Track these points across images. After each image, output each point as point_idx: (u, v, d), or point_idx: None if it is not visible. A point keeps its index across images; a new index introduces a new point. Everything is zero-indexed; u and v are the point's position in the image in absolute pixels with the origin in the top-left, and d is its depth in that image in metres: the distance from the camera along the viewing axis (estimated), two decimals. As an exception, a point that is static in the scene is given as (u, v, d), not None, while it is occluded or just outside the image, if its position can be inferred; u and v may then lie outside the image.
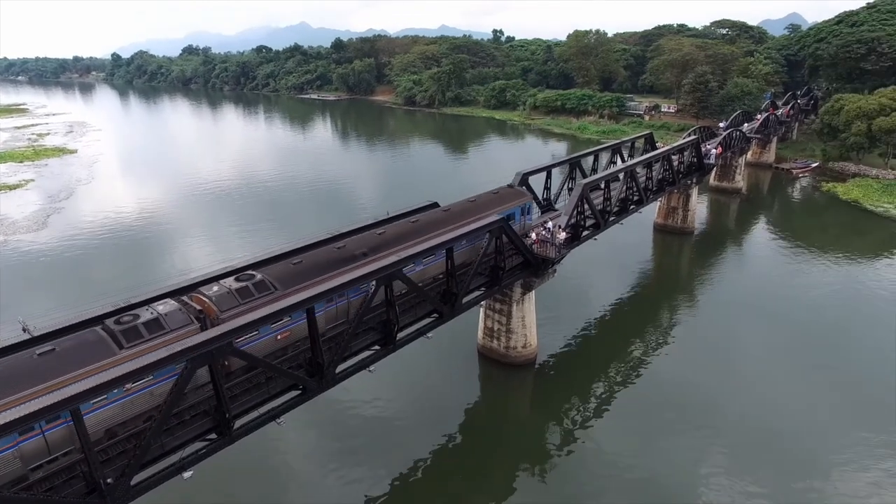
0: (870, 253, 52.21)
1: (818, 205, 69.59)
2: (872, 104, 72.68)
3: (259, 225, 57.75)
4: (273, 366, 18.14)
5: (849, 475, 24.80)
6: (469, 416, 29.07)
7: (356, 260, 22.07)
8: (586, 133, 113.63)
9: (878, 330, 37.80)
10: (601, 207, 36.60)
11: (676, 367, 33.48)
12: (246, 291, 18.83)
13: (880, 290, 43.72)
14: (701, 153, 53.35)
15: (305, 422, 27.14)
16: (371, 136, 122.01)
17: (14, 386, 14.10)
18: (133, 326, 16.55)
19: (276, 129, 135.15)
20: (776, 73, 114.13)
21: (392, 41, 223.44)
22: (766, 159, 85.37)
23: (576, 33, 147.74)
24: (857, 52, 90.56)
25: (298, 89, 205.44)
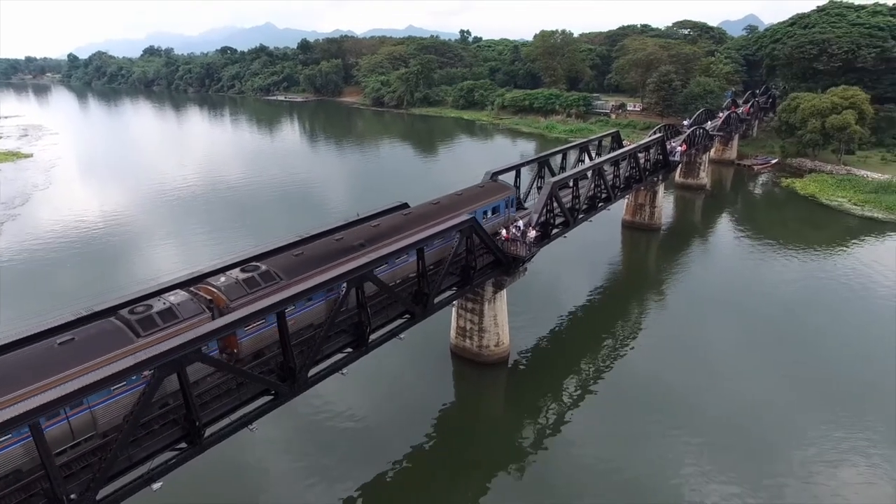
0: (827, 246, 54.07)
1: (778, 200, 71.77)
2: (825, 103, 75.28)
3: (227, 229, 56.64)
4: (244, 371, 17.84)
5: (815, 467, 25.52)
6: (443, 416, 29.06)
7: (354, 251, 22.76)
8: (554, 132, 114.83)
9: (838, 320, 39.25)
10: (570, 205, 37.00)
11: (647, 362, 34.08)
12: (253, 281, 19.48)
13: (838, 281, 45.30)
14: (666, 151, 54.44)
15: (279, 427, 26.74)
16: (340, 137, 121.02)
17: (39, 374, 14.55)
18: (148, 316, 17.01)
19: (243, 131, 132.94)
20: (736, 73, 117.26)
21: (359, 42, 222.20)
22: (729, 156, 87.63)
23: (542, 33, 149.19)
24: (809, 52, 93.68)
25: (265, 91, 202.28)
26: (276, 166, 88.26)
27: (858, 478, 24.88)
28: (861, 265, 48.22)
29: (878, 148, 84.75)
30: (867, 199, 65.07)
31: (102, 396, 14.85)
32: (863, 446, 26.63)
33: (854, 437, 27.22)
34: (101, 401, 14.93)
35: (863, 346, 35.59)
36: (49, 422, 13.77)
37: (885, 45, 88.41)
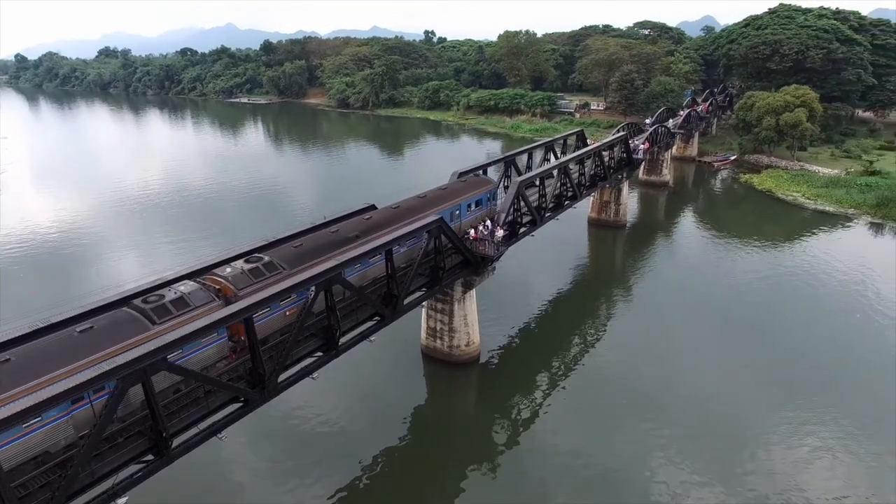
0: (784, 238, 56.01)
1: (737, 195, 73.97)
2: (779, 101, 77.89)
3: (193, 236, 55.41)
4: (212, 379, 17.51)
5: (780, 454, 26.37)
6: (416, 417, 29.08)
7: (350, 242, 23.76)
8: (520, 131, 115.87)
9: (796, 310, 40.69)
10: (537, 204, 37.43)
11: (615, 356, 34.77)
12: (258, 271, 20.29)
13: (795, 272, 46.98)
14: (630, 148, 55.54)
15: (250, 434, 26.36)
16: (305, 139, 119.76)
17: (63, 361, 15.14)
18: (162, 304, 17.65)
19: (206, 134, 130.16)
20: (695, 72, 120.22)
21: (323, 43, 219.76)
22: (690, 153, 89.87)
23: (506, 34, 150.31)
24: (763, 52, 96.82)
25: (227, 93, 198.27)
26: (241, 170, 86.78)
27: (817, 463, 25.87)
28: (815, 256, 50.12)
29: (828, 144, 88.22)
30: (819, 194, 67.60)
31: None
32: (816, 429, 27.72)
33: (812, 423, 28.29)
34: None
35: (818, 334, 37.10)
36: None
37: (830, 47, 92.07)
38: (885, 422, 28.29)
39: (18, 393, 13.76)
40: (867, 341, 36.42)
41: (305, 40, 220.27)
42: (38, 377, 14.42)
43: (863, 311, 40.22)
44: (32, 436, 13.85)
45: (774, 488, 24.23)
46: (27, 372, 14.51)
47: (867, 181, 68.91)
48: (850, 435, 27.43)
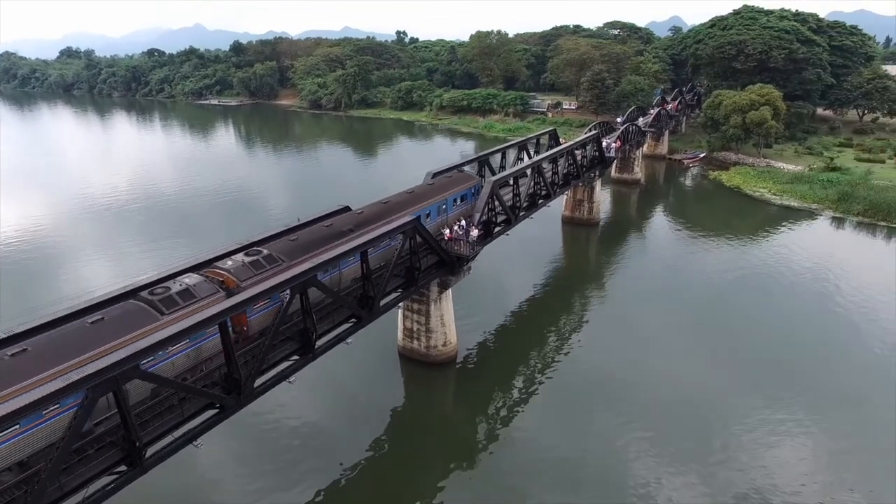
0: (752, 233, 57.42)
1: (707, 191, 75.52)
2: (745, 99, 79.77)
3: (165, 240, 54.37)
4: (186, 386, 17.28)
5: (750, 443, 27.07)
6: (395, 418, 29.06)
7: (344, 235, 24.68)
8: (493, 131, 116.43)
9: (764, 303, 41.73)
10: (511, 203, 37.70)
11: (591, 352, 35.22)
12: (258, 264, 21.00)
13: (763, 266, 48.21)
14: (602, 147, 56.28)
15: (225, 440, 25.99)
16: (278, 141, 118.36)
17: (77, 350, 15.63)
18: (169, 296, 18.24)
19: (176, 137, 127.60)
20: (664, 71, 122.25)
21: (294, 43, 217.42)
22: (661, 151, 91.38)
23: (478, 34, 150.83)
24: (728, 52, 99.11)
25: (197, 95, 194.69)
26: (212, 173, 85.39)
27: (786, 449, 26.63)
28: (782, 250, 51.52)
29: (791, 142, 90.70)
30: (784, 189, 69.44)
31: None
32: (785, 417, 28.53)
33: (782, 411, 29.10)
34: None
35: (785, 326, 38.12)
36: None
37: (791, 48, 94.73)
38: (848, 408, 29.31)
39: (38, 381, 14.33)
40: (833, 330, 37.64)
41: (276, 41, 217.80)
42: (55, 366, 14.95)
43: (828, 301, 41.49)
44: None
45: (745, 476, 24.85)
46: (45, 361, 15.06)
47: (828, 177, 71.01)
48: (816, 421, 28.35)
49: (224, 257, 21.78)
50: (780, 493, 23.94)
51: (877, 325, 37.97)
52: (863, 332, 37.22)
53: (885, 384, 31.36)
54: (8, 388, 13.94)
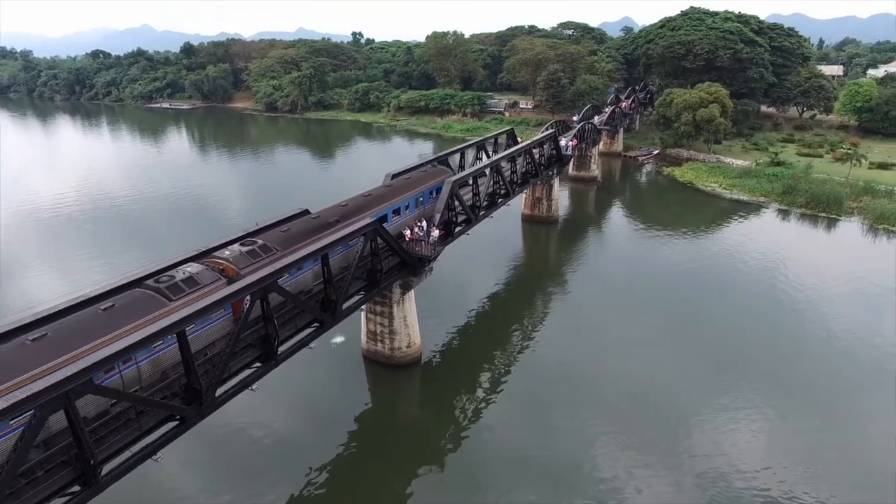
0: (705, 226, 59.45)
1: (661, 187, 77.71)
2: (695, 97, 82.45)
3: (117, 249, 52.36)
4: (144, 398, 16.79)
5: (712, 430, 28.00)
6: (361, 422, 28.89)
7: (331, 227, 25.89)
8: (451, 131, 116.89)
9: (718, 294, 43.27)
10: (471, 203, 37.94)
11: (554, 348, 35.77)
12: (255, 253, 22.08)
13: (718, 257, 50.06)
14: (559, 145, 57.21)
15: (187, 452, 25.27)
16: (233, 145, 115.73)
17: (93, 335, 16.46)
18: (174, 283, 19.11)
19: (126, 142, 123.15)
20: (617, 71, 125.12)
21: (248, 45, 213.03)
22: (616, 149, 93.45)
23: (434, 34, 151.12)
24: (678, 52, 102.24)
25: (147, 98, 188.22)
26: (166, 179, 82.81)
27: (745, 434, 27.69)
28: (733, 242, 53.54)
29: (739, 138, 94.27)
30: (734, 184, 72.07)
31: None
32: (742, 405, 29.66)
33: (739, 400, 30.22)
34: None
35: (741, 314, 39.60)
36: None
37: (736, 48, 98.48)
38: (799, 393, 30.69)
39: (59, 364, 15.13)
40: (783, 317, 39.28)
41: (229, 42, 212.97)
42: (74, 350, 15.80)
43: (777, 290, 43.28)
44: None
45: (710, 463, 25.72)
46: (64, 345, 15.92)
47: (774, 171, 74.09)
48: (772, 407, 29.55)
49: (221, 248, 22.59)
50: (742, 477, 24.82)
51: (821, 312, 39.86)
52: (809, 319, 39.03)
53: (830, 369, 33.00)
54: (33, 370, 14.89)
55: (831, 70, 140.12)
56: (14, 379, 14.44)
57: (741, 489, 24.28)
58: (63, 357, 15.44)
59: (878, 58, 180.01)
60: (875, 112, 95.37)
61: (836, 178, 69.64)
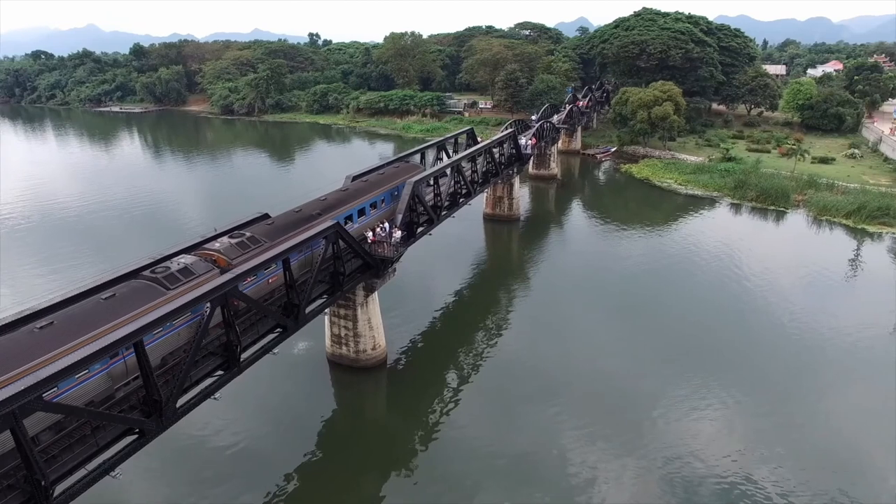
0: (663, 222, 61.05)
1: (619, 184, 79.41)
2: (649, 96, 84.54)
3: (67, 258, 50.29)
4: (100, 413, 16.16)
5: (676, 420, 28.77)
6: (327, 427, 28.60)
7: (314, 219, 26.92)
8: (411, 132, 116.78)
9: (676, 287, 44.47)
10: (432, 203, 37.99)
11: (519, 345, 36.18)
12: (244, 244, 23.06)
13: (676, 251, 51.53)
14: (519, 144, 57.81)
15: (148, 466, 24.54)
16: (189, 149, 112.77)
17: (97, 323, 17.08)
18: (171, 273, 19.86)
19: (74, 148, 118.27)
20: (574, 70, 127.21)
21: (201, 46, 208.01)
22: (574, 147, 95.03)
23: (392, 35, 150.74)
24: (632, 51, 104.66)
25: (96, 101, 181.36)
26: (118, 185, 79.86)
27: (708, 422, 28.58)
28: (690, 236, 55.23)
29: (692, 135, 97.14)
30: (689, 180, 74.25)
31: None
32: (705, 396, 30.61)
33: (701, 391, 31.16)
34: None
35: (699, 305, 40.91)
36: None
37: (687, 48, 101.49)
38: (759, 378, 31.85)
39: (67, 350, 15.72)
40: (741, 307, 40.65)
41: (181, 44, 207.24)
42: (80, 337, 16.40)
43: (734, 281, 44.80)
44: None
45: (675, 452, 26.39)
46: (71, 333, 16.48)
47: (725, 167, 76.66)
48: (732, 396, 30.56)
49: (210, 240, 23.42)
50: (706, 466, 25.56)
51: (775, 300, 41.42)
52: (763, 308, 40.50)
53: (785, 355, 34.37)
54: (43, 356, 15.47)
55: (775, 69, 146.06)
56: (26, 364, 15.12)
57: (704, 475, 25.03)
58: (71, 343, 16.11)
59: (815, 58, 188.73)
60: (815, 109, 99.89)
61: (783, 173, 72.49)
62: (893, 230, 55.79)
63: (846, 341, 35.71)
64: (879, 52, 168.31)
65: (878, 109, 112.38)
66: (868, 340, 35.78)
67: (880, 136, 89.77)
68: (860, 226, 57.08)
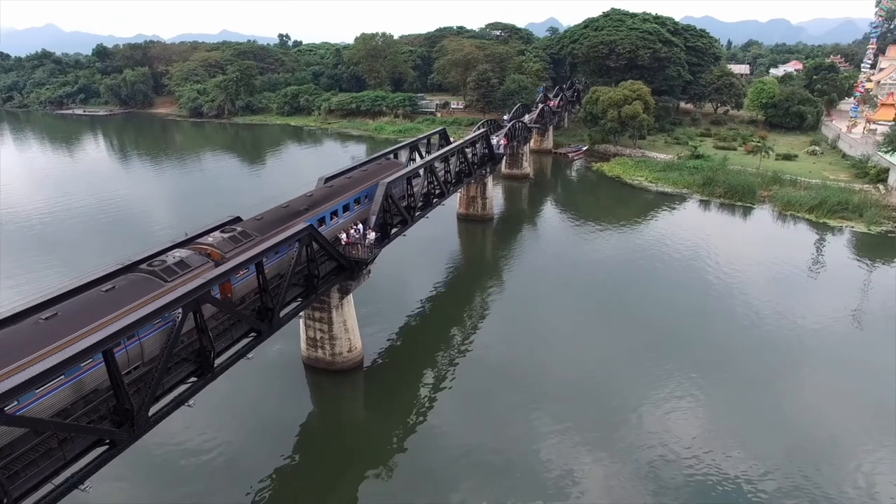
0: (635, 218, 62.08)
1: (591, 182, 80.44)
2: (619, 95, 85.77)
3: (30, 268, 48.80)
4: (67, 425, 15.73)
5: (650, 413, 29.34)
6: (305, 431, 28.37)
7: (300, 215, 28.15)
8: (383, 133, 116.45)
9: (649, 282, 45.26)
10: (406, 204, 37.97)
11: (496, 343, 36.39)
12: (236, 238, 24.09)
13: (648, 247, 52.44)
14: (491, 144, 58.12)
15: (120, 477, 23.98)
16: (157, 152, 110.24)
17: (99, 314, 17.91)
18: (167, 266, 20.71)
19: (35, 152, 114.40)
20: (545, 70, 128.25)
21: (168, 48, 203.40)
22: (546, 146, 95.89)
23: (363, 36, 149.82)
24: (602, 51, 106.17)
25: (57, 104, 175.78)
26: (83, 191, 77.58)
27: (681, 413, 29.20)
28: (661, 232, 56.30)
29: (661, 133, 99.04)
30: (659, 177, 75.63)
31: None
32: (677, 385, 31.24)
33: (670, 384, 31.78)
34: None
35: (671, 300, 41.71)
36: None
37: (655, 48, 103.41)
38: (730, 369, 32.61)
39: (71, 340, 16.44)
40: (712, 301, 41.65)
41: (147, 45, 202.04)
42: (84, 327, 17.17)
43: (705, 275, 45.80)
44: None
45: (649, 442, 26.94)
46: (74, 324, 17.24)
47: (694, 164, 78.26)
48: (702, 387, 31.26)
49: (203, 235, 24.23)
50: (683, 458, 26.08)
51: (744, 294, 42.49)
52: (733, 301, 41.52)
53: (756, 347, 35.30)
54: (49, 345, 16.21)
55: (739, 69, 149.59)
56: (33, 353, 15.83)
57: (680, 466, 25.57)
58: (75, 333, 16.80)
59: (777, 58, 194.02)
60: (778, 108, 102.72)
61: (749, 169, 74.34)
62: (852, 224, 57.72)
63: (809, 333, 36.89)
64: (835, 52, 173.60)
65: (835, 108, 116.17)
66: (828, 332, 37.08)
67: (838, 134, 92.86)
68: (822, 220, 58.89)
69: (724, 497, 23.89)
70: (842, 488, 24.28)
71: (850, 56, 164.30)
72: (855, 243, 54.32)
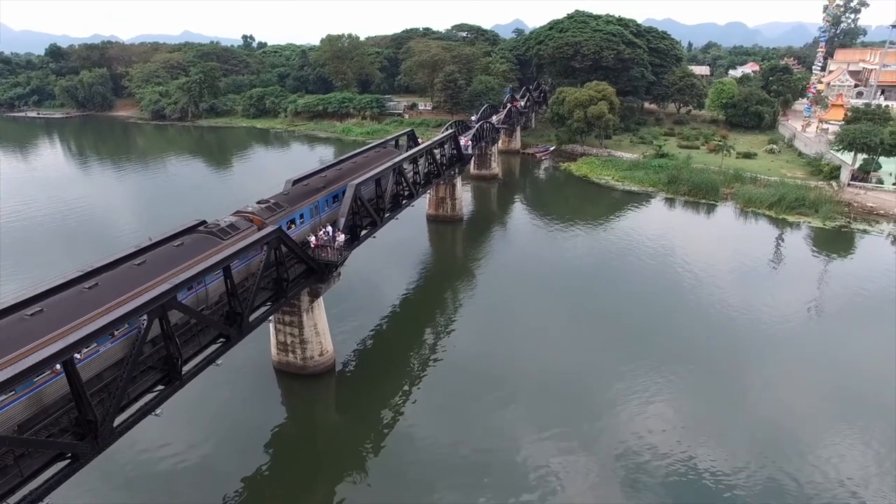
0: (603, 217, 63.03)
1: (559, 181, 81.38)
2: (585, 95, 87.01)
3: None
4: (23, 440, 15.12)
5: (624, 405, 29.88)
6: (277, 437, 27.97)
7: (318, 192, 32.25)
8: (351, 135, 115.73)
9: (620, 278, 46.04)
10: (375, 205, 37.79)
11: (468, 343, 36.51)
12: (272, 209, 28.10)
13: (616, 245, 53.37)
14: (459, 145, 58.29)
15: (85, 492, 23.24)
16: (118, 156, 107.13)
17: (174, 264, 21.63)
18: (223, 228, 24.77)
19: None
20: (511, 71, 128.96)
21: (127, 48, 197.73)
22: (514, 146, 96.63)
23: (329, 37, 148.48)
24: (567, 53, 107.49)
25: (9, 106, 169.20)
26: (40, 197, 74.84)
27: (655, 404, 29.76)
28: (629, 230, 57.31)
29: (627, 133, 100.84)
30: (625, 176, 77.01)
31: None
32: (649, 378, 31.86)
33: (642, 378, 32.38)
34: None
35: (640, 296, 42.45)
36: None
37: (619, 49, 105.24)
38: (699, 360, 33.41)
39: (153, 284, 19.73)
40: (682, 297, 42.59)
41: (105, 45, 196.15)
42: (170, 270, 21.01)
43: (670, 270, 46.79)
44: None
45: (622, 435, 27.45)
46: (162, 266, 21.26)
47: (659, 163, 79.95)
48: (672, 383, 31.94)
49: (173, 238, 24.94)
50: (655, 452, 26.57)
51: (710, 288, 43.56)
52: (699, 296, 42.54)
53: (722, 340, 36.23)
54: (146, 283, 19.89)
55: (700, 70, 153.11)
56: (140, 286, 19.44)
57: (653, 458, 26.08)
58: (162, 276, 20.26)
59: (735, 60, 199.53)
60: (737, 108, 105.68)
61: (712, 168, 76.27)
62: (809, 219, 59.78)
63: (772, 325, 38.06)
64: (789, 55, 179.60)
65: (791, 108, 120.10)
66: (789, 323, 38.33)
67: (794, 133, 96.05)
68: (781, 216, 60.85)
69: (695, 487, 24.46)
70: (808, 475, 25.14)
71: (803, 58, 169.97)
72: (812, 238, 56.28)
